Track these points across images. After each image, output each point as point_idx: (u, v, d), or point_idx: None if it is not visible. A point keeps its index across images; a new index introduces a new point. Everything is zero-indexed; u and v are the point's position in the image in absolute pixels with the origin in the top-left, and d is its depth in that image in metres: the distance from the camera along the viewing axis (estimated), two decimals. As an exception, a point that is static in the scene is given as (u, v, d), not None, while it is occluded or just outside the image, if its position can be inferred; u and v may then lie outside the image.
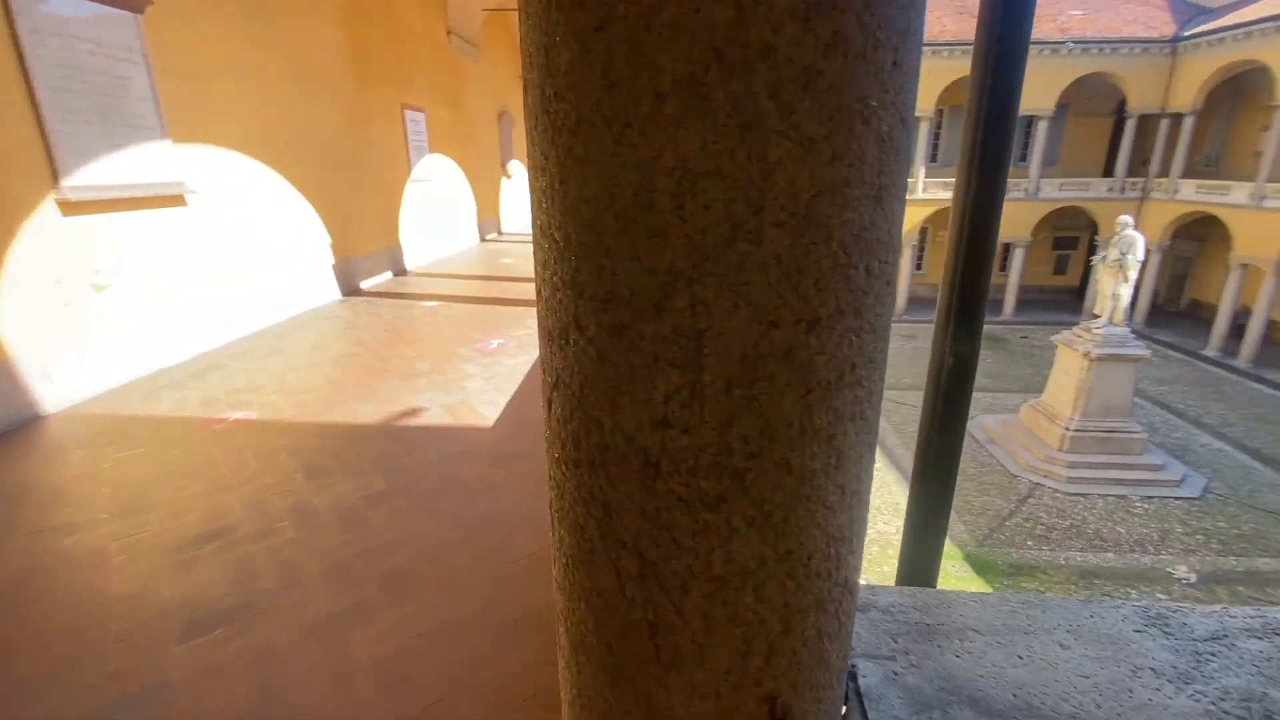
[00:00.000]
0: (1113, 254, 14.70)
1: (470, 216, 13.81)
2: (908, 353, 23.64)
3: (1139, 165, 25.50)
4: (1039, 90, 24.09)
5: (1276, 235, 19.69)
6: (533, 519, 3.19)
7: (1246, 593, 11.03)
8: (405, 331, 6.69)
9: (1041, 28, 24.08)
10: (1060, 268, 29.88)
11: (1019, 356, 23.29)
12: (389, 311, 7.57)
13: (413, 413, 4.51)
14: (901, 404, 19.16)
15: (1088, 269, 28.45)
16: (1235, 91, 23.45)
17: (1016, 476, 15.17)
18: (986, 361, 22.64)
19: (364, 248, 9.03)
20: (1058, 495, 14.31)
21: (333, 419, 4.37)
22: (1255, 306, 20.48)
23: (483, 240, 14.43)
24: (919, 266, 29.24)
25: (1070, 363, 15.40)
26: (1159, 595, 11.07)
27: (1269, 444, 16.33)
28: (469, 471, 3.67)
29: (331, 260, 8.16)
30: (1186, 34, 22.63)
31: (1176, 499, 14.00)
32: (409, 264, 10.45)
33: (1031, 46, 20.96)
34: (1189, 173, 24.31)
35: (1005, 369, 22.08)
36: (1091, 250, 27.37)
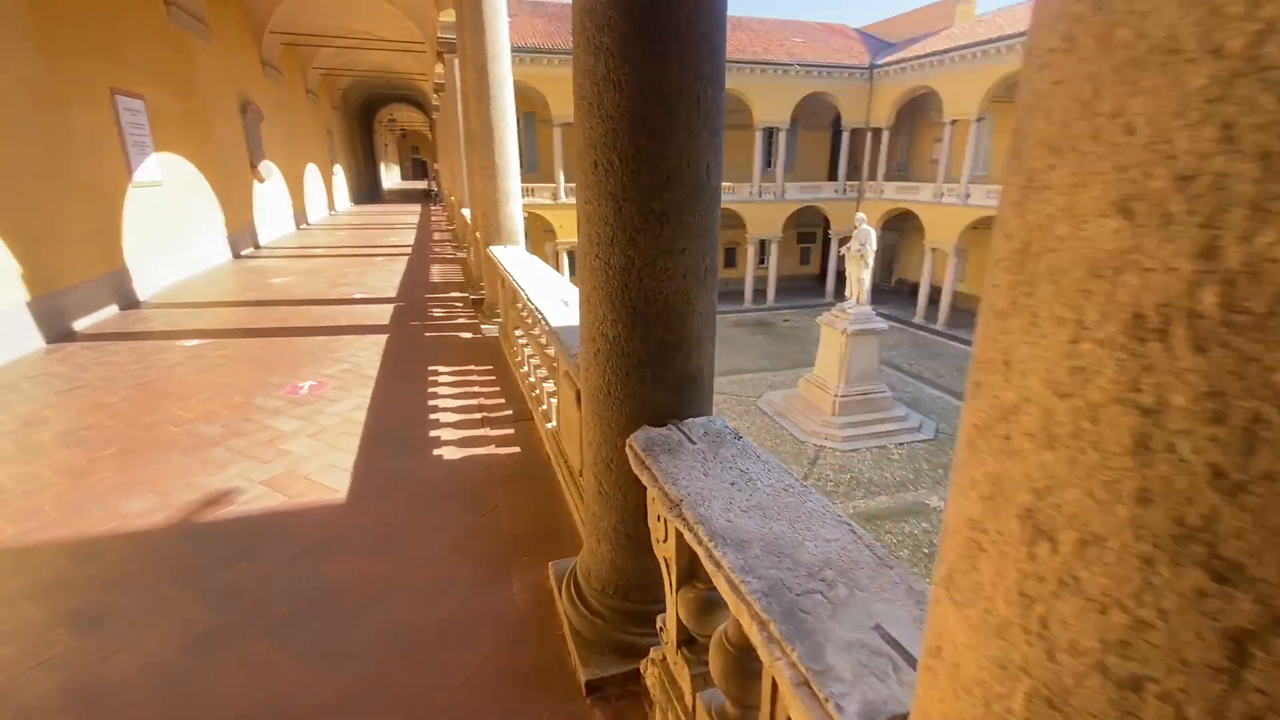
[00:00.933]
0: (854, 245, 17.25)
1: (218, 228, 11.29)
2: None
3: (853, 171, 30.58)
4: (780, 105, 27.52)
5: (953, 225, 25.05)
6: (458, 622, 2.46)
7: (978, 510, 13.78)
8: (166, 384, 5.05)
9: (772, 51, 27.53)
10: (804, 259, 34.67)
11: (786, 337, 26.38)
12: (131, 359, 5.69)
13: (219, 499, 3.32)
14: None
15: (824, 258, 33.45)
16: (915, 110, 29.30)
17: (803, 442, 17.09)
18: (761, 344, 25.32)
19: (74, 275, 6.72)
20: (837, 454, 16.41)
21: (92, 529, 3.01)
22: (944, 282, 25.86)
23: (237, 256, 11.92)
24: (695, 263, 31.64)
25: (832, 339, 17.78)
26: (924, 525, 13.27)
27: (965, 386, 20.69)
28: (338, 572, 2.75)
29: (24, 295, 5.90)
30: (879, 63, 27.65)
31: (919, 442, 16.98)
32: (142, 292, 8.10)
33: (766, 68, 23.64)
34: (890, 176, 29.83)
35: (777, 349, 24.83)
36: (826, 243, 32.21)
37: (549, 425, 3.84)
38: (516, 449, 3.92)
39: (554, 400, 3.85)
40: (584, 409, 2.11)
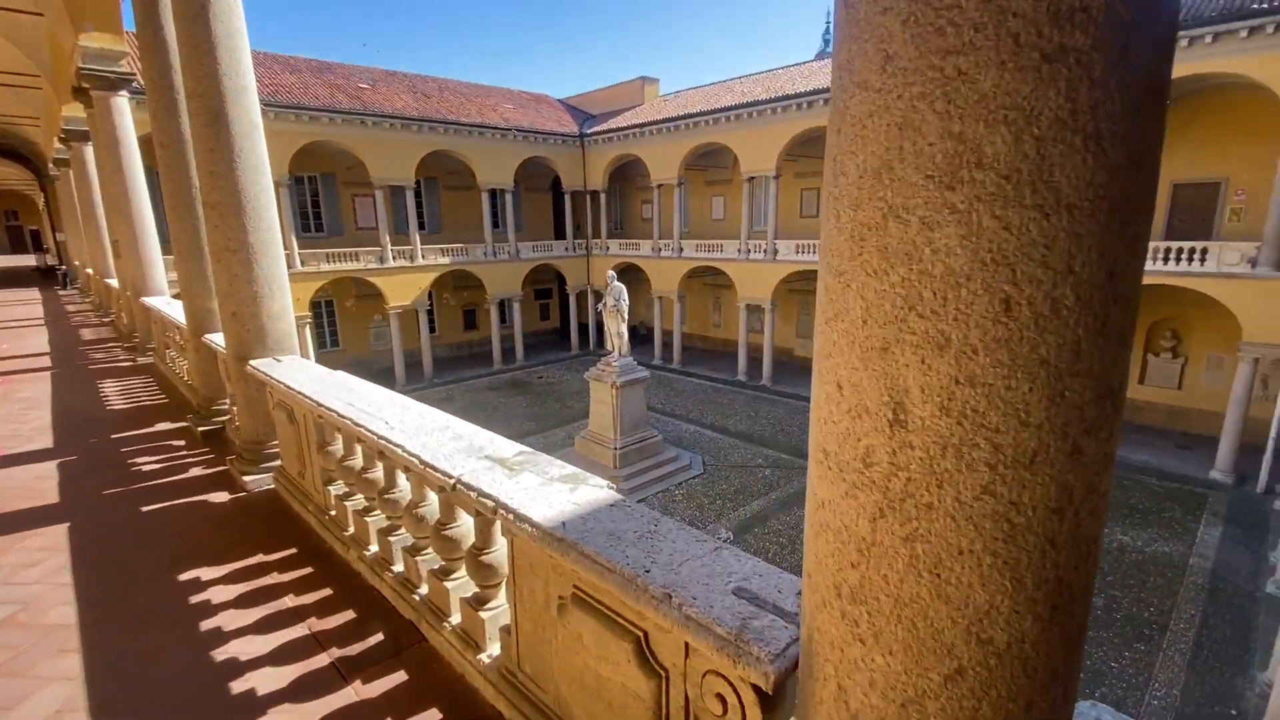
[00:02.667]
0: (609, 301, 17.60)
1: None
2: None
3: (577, 230, 31.83)
4: (501, 168, 27.26)
5: (673, 275, 27.59)
6: None
7: (759, 530, 14.75)
8: None
9: (486, 116, 27.31)
10: (544, 314, 34.79)
11: (545, 395, 25.78)
12: None
13: None
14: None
15: (564, 313, 34.00)
16: (624, 175, 31.88)
17: (594, 504, 16.51)
18: (522, 405, 24.24)
19: None
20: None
21: None
22: (674, 325, 28.24)
23: None
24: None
25: (602, 393, 17.74)
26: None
27: (713, 417, 22.60)
28: None
29: None
30: (588, 132, 29.44)
31: (693, 479, 17.76)
32: None
33: (486, 132, 23.16)
34: (610, 234, 31.78)
35: (539, 408, 24.05)
36: (564, 299, 32.81)
37: (484, 656, 2.38)
38: (435, 714, 2.34)
39: (489, 616, 2.41)
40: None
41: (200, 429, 5.46)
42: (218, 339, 5.07)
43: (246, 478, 4.41)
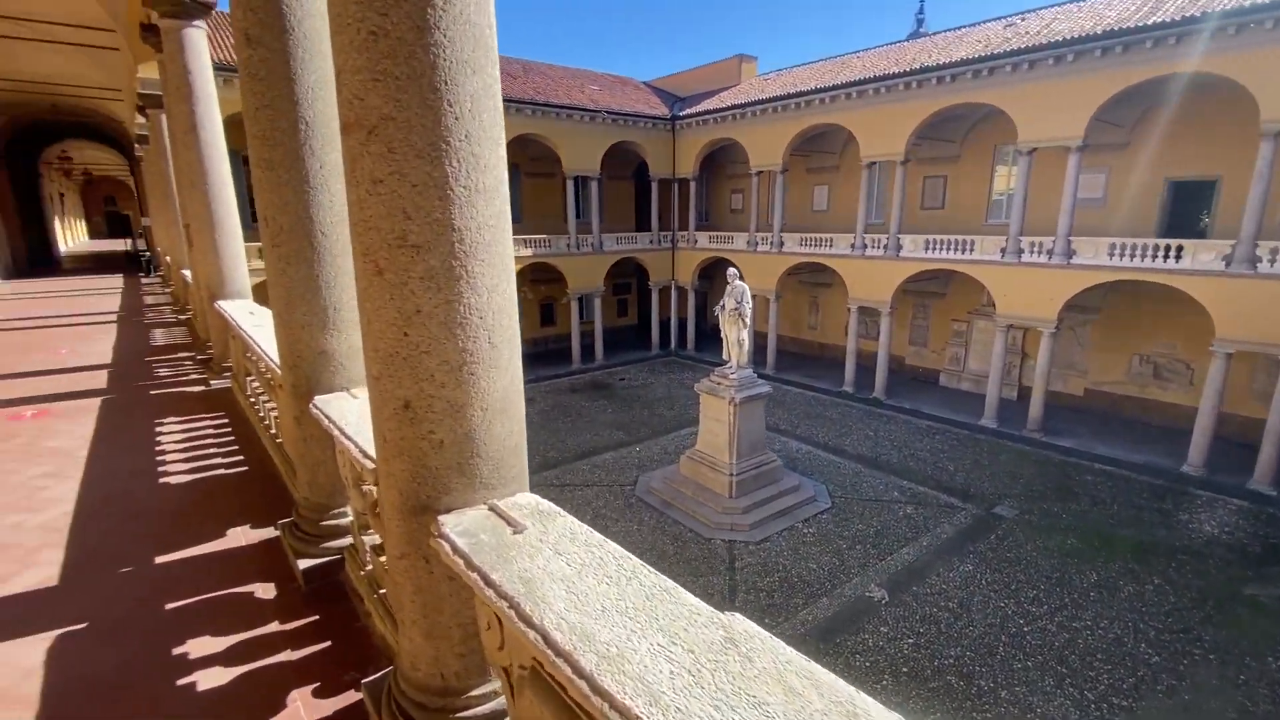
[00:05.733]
0: (730, 304, 14.79)
1: None
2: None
3: (661, 221, 29.12)
4: (588, 153, 24.76)
5: (767, 271, 24.61)
6: None
7: (918, 589, 11.84)
8: None
9: (574, 97, 24.82)
10: (622, 310, 32.31)
11: (630, 400, 23.29)
12: None
13: None
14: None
15: (644, 309, 31.46)
16: (713, 162, 28.93)
17: (709, 540, 13.88)
18: (607, 412, 21.83)
19: None
20: (751, 547, 13.52)
21: None
22: (768, 327, 25.26)
23: None
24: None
25: (717, 410, 15.02)
26: (883, 629, 10.76)
27: (824, 435, 19.61)
28: None
29: None
30: (680, 114, 26.61)
31: (820, 514, 14.87)
32: None
33: (574, 114, 20.73)
34: (699, 226, 28.95)
35: (626, 415, 21.57)
36: (644, 294, 30.23)
37: None
38: None
39: None
40: None
41: (301, 563, 3.01)
42: (341, 413, 2.58)
43: None
